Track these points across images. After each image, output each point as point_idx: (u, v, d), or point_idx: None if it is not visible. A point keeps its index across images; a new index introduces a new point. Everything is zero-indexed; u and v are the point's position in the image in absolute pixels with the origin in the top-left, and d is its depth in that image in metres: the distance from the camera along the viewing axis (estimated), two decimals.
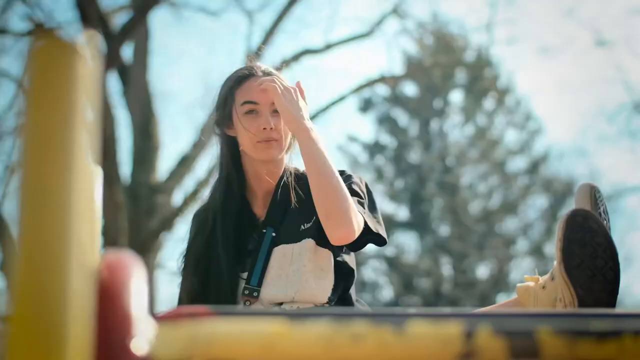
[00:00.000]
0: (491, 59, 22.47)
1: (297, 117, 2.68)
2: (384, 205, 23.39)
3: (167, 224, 12.00)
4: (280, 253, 2.75)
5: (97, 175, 1.40)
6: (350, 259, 2.87)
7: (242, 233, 2.81)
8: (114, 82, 15.44)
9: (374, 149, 23.59)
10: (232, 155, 2.86)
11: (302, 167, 2.89)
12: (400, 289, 22.04)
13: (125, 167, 12.30)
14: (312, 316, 1.05)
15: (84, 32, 0.84)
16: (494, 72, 23.26)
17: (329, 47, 14.21)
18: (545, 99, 32.81)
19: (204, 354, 1.01)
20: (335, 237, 2.60)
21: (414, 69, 18.68)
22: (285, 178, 2.86)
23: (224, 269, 2.73)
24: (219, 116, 2.87)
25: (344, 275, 2.81)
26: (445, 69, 18.77)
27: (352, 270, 2.85)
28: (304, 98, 2.78)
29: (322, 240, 2.74)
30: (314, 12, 25.07)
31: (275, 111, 2.76)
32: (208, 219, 2.86)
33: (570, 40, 26.71)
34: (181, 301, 2.83)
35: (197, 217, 2.92)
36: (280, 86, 2.73)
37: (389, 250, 22.55)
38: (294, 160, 2.92)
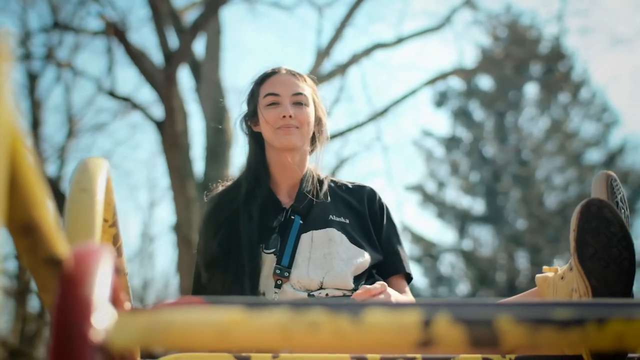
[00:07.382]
0: (565, 51, 22.16)
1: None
2: (460, 199, 23.28)
3: None
4: (308, 238, 2.84)
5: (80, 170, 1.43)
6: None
7: (266, 213, 2.88)
8: (186, 77, 15.57)
9: (450, 143, 23.49)
10: (258, 151, 2.98)
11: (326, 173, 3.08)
12: (476, 283, 21.93)
13: (198, 162, 12.39)
14: (269, 304, 1.07)
15: None
16: (569, 64, 22.96)
17: (400, 40, 14.10)
18: (620, 90, 32.30)
19: (160, 342, 1.04)
20: None
21: (487, 61, 18.44)
22: (308, 175, 2.98)
23: (243, 238, 2.80)
24: (245, 114, 3.00)
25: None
26: (519, 62, 18.50)
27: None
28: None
29: (355, 241, 2.87)
30: (384, 6, 24.91)
31: (296, 102, 2.89)
32: (229, 201, 2.93)
33: None
34: (197, 268, 2.90)
35: (214, 199, 2.97)
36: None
37: (464, 244, 22.47)
38: (317, 164, 3.06)
